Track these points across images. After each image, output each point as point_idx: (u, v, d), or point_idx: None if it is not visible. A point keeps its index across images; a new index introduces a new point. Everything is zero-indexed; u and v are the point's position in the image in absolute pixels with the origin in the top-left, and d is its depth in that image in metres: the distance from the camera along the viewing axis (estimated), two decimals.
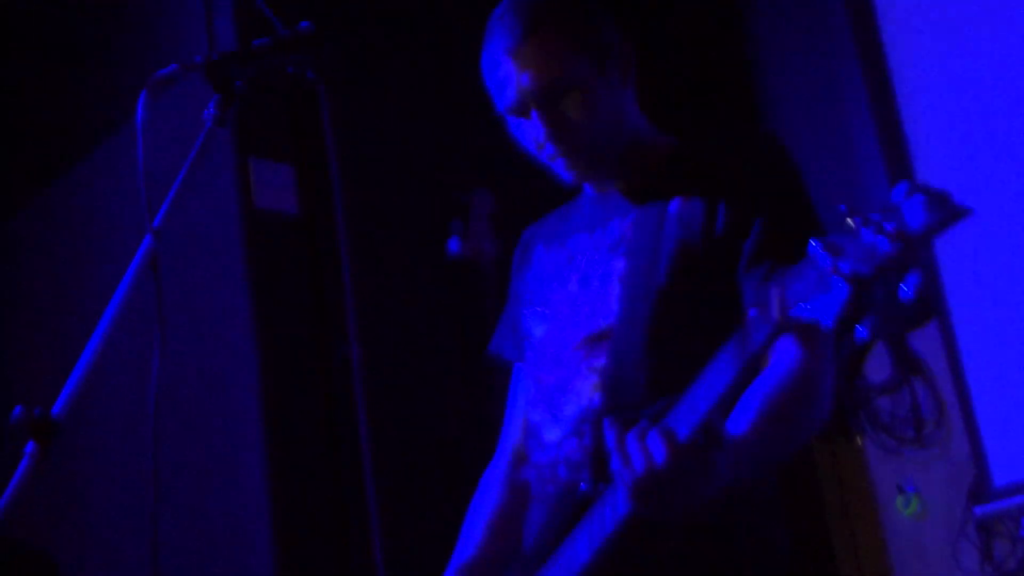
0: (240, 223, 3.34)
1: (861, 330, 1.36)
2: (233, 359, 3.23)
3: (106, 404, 3.25)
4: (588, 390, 1.86)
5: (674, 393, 1.67)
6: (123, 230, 3.50)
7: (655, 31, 4.12)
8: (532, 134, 1.92)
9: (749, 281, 1.78)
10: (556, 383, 1.92)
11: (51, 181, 4.03)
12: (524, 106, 1.90)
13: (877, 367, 3.75)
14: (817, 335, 1.70)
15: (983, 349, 3.48)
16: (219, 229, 3.37)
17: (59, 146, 3.99)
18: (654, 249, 1.87)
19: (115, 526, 3.49)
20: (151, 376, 1.68)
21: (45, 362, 3.65)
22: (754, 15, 4.28)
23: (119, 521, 3.45)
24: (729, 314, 1.65)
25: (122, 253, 1.74)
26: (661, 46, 4.13)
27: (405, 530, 3.05)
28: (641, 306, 1.85)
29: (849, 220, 1.35)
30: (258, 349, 3.17)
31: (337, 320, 3.15)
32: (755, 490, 1.82)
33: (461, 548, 2.04)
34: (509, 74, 1.89)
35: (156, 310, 1.68)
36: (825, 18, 4.01)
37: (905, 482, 3.74)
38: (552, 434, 1.90)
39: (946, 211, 1.31)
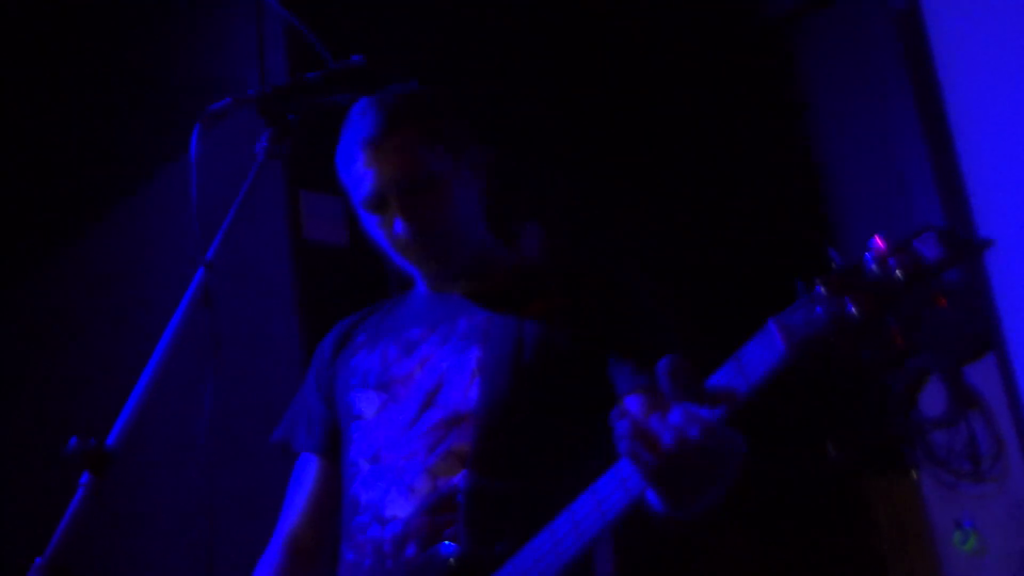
0: (291, 255, 3.36)
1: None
2: (284, 390, 3.23)
3: (159, 435, 3.27)
4: (447, 469, 1.88)
5: (540, 470, 1.83)
6: (177, 260, 3.52)
7: (704, 70, 4.12)
8: (386, 229, 1.98)
9: (620, 371, 1.88)
10: (405, 463, 1.92)
11: (106, 210, 4.07)
12: (380, 199, 1.97)
13: (932, 401, 3.71)
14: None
15: None
16: (270, 261, 3.39)
17: (114, 176, 4.03)
18: (516, 339, 1.93)
19: (169, 559, 3.50)
20: (204, 407, 1.69)
21: (100, 393, 3.67)
22: (805, 53, 4.26)
23: (173, 554, 3.46)
24: (589, 401, 1.83)
25: (176, 284, 1.75)
26: (711, 86, 4.13)
27: None
28: (504, 391, 1.90)
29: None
30: None
31: None
32: None
33: None
34: (368, 167, 1.97)
35: (209, 342, 1.68)
36: (877, 54, 3.99)
37: (962, 517, 3.68)
38: (398, 511, 1.89)
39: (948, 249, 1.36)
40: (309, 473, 2.13)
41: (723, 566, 4.05)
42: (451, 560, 1.80)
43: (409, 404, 1.97)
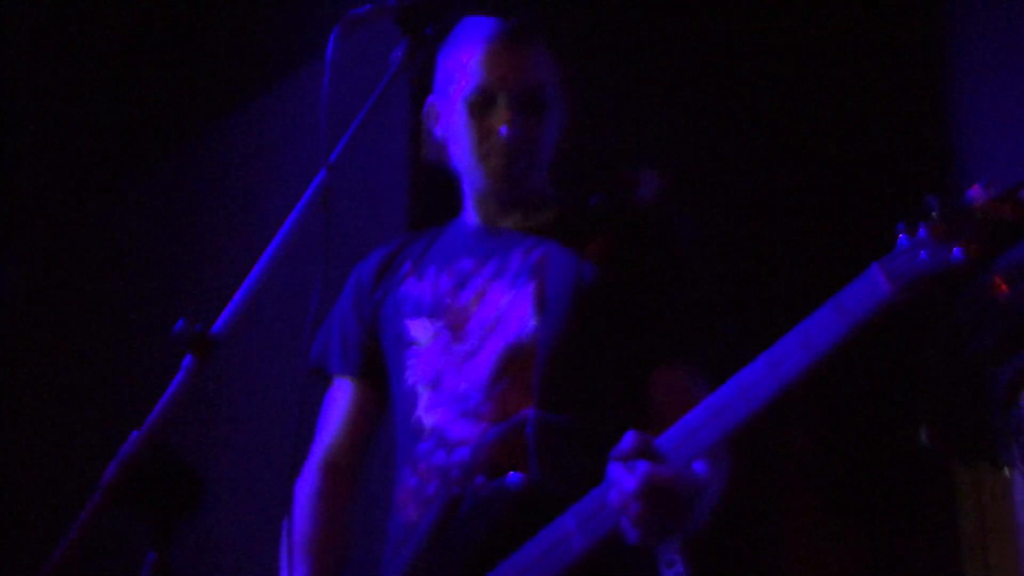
0: (407, 173, 3.38)
1: None
2: None
3: (263, 331, 3.33)
4: (513, 399, 1.89)
5: (601, 406, 1.88)
6: (297, 164, 3.57)
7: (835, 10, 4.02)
8: (480, 131, 1.99)
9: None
10: (468, 390, 1.93)
11: (240, 106, 4.13)
12: (488, 99, 1.99)
13: None
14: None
15: None
16: (387, 177, 3.41)
17: (249, 74, 4.08)
18: (575, 275, 1.94)
19: (258, 448, 3.59)
20: (309, 309, 1.71)
21: (212, 283, 3.75)
22: (954, 19, 4.13)
23: (261, 442, 3.54)
24: (640, 342, 1.91)
25: (293, 186, 1.77)
26: (841, 25, 4.03)
27: None
28: (565, 325, 1.92)
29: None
30: None
31: None
32: None
33: (295, 570, 2.01)
34: (485, 64, 1.99)
35: (323, 244, 1.70)
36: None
37: None
38: (465, 437, 1.90)
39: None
40: (344, 396, 2.15)
41: (799, 541, 4.03)
42: (519, 491, 1.81)
43: (468, 335, 1.98)
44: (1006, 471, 3.69)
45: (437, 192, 3.29)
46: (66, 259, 4.93)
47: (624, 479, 1.62)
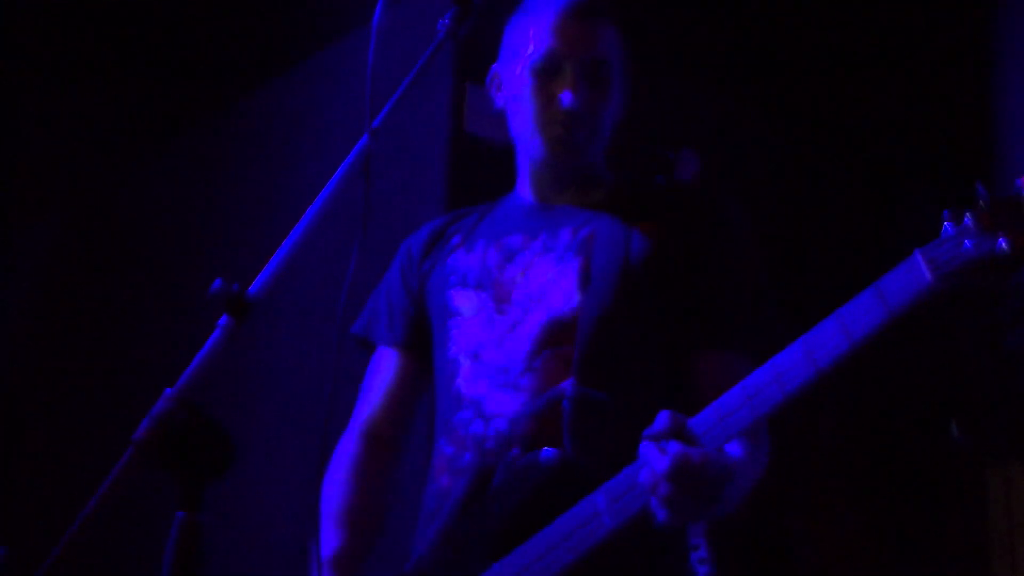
0: (448, 143, 3.38)
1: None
2: None
3: (300, 295, 3.34)
4: (553, 373, 1.89)
5: (640, 384, 1.87)
6: (340, 129, 3.57)
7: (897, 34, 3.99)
8: (545, 98, 1.98)
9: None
10: (508, 362, 1.93)
11: (286, 67, 4.13)
12: (556, 66, 1.98)
13: None
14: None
15: None
16: (428, 146, 3.41)
17: (291, 39, 4.08)
18: (623, 253, 1.93)
19: (288, 411, 3.60)
20: (346, 275, 1.71)
21: (252, 245, 3.77)
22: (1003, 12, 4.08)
23: (293, 407, 3.56)
24: (685, 323, 1.90)
25: (335, 151, 1.76)
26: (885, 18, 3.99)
27: None
28: (610, 302, 1.90)
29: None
30: None
31: None
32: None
33: (328, 538, 2.01)
34: (556, 32, 1.99)
35: (362, 208, 1.70)
36: None
37: None
38: (503, 408, 1.90)
39: None
40: (388, 366, 2.15)
41: (824, 533, 4.02)
42: (551, 466, 1.81)
43: (511, 307, 1.98)
44: None
45: (477, 162, 3.31)
46: (107, 218, 4.97)
47: (655, 459, 1.61)
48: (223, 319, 1.53)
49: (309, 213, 1.66)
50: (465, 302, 2.04)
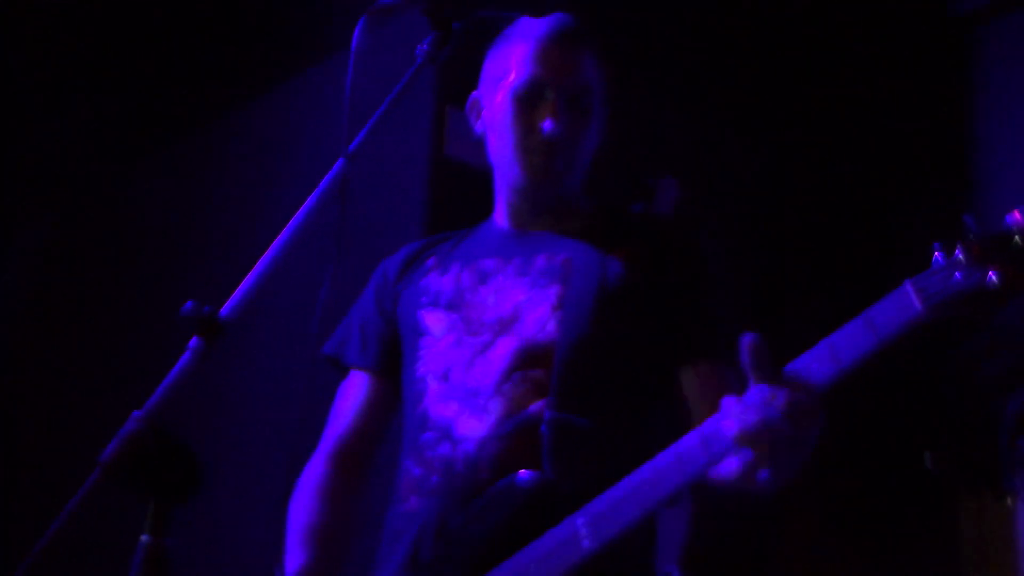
0: (428, 167, 3.38)
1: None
2: None
3: (275, 317, 3.33)
4: (524, 397, 1.88)
5: (617, 410, 1.87)
6: (318, 153, 3.56)
7: (869, 48, 4.01)
8: (525, 124, 1.99)
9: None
10: (478, 385, 1.93)
11: (259, 94, 4.13)
12: (538, 93, 1.99)
13: None
14: None
15: None
16: (407, 169, 3.41)
17: (271, 62, 4.08)
18: (599, 279, 1.94)
19: (258, 435, 3.58)
20: (319, 299, 1.70)
21: (226, 267, 3.75)
22: (982, 53, 4.12)
23: (262, 431, 3.54)
24: (661, 349, 1.90)
25: (312, 174, 1.76)
26: (873, 61, 4.02)
27: None
28: (586, 327, 1.91)
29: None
30: None
31: None
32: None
33: (293, 555, 2.00)
34: (539, 59, 1.99)
35: (337, 234, 1.69)
36: None
37: None
38: (470, 431, 1.90)
39: None
40: (359, 389, 2.15)
41: (800, 560, 4.02)
42: (531, 489, 1.81)
43: (483, 329, 1.97)
44: (1008, 500, 3.68)
45: (456, 187, 3.31)
46: (80, 237, 4.94)
47: (764, 406, 1.55)
48: (194, 341, 1.52)
49: (283, 236, 1.65)
50: (436, 323, 2.04)
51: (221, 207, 4.18)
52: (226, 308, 1.56)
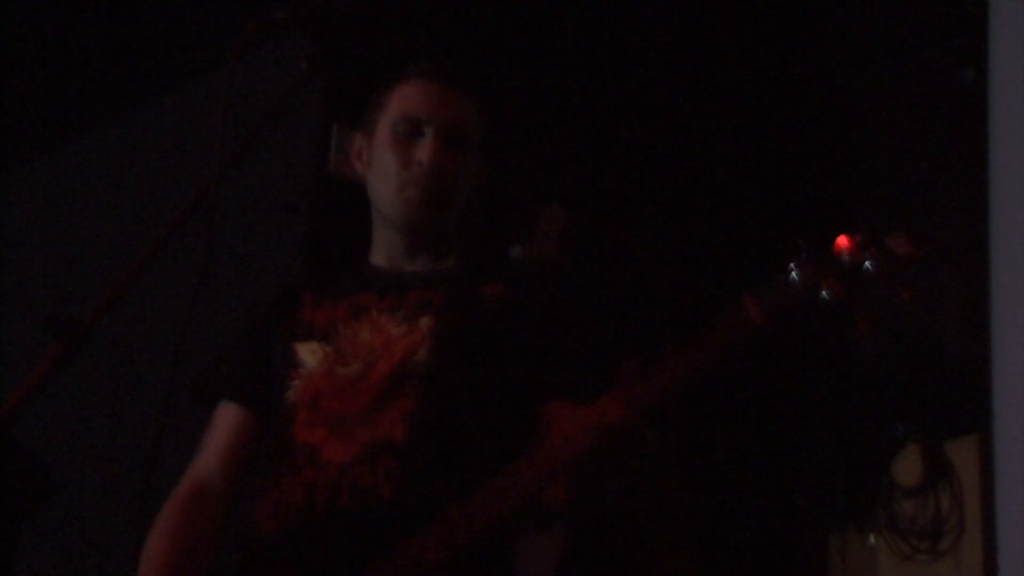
0: (310, 184, 3.37)
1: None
2: None
3: (135, 327, 3.28)
4: (388, 424, 1.94)
5: (479, 438, 1.94)
6: (190, 170, 3.53)
7: (752, 81, 4.10)
8: (402, 156, 2.05)
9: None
10: (345, 412, 1.98)
11: (140, 107, 4.08)
12: (416, 126, 2.07)
13: (909, 470, 3.69)
14: None
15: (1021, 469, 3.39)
16: (289, 186, 3.40)
17: (150, 75, 4.05)
18: (469, 315, 2.02)
19: (115, 445, 3.51)
20: (186, 307, 1.69)
21: (96, 276, 3.69)
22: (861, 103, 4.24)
23: (120, 441, 3.47)
24: (526, 384, 1.98)
25: (185, 190, 1.75)
26: (757, 93, 4.10)
27: None
28: (455, 359, 1.99)
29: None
30: None
31: None
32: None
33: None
34: (420, 94, 2.08)
35: (204, 252, 1.69)
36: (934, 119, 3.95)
37: None
38: (334, 456, 1.94)
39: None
40: (228, 420, 2.15)
41: None
42: (383, 508, 1.86)
43: (354, 360, 2.02)
44: (871, 538, 3.76)
45: (338, 204, 3.29)
46: None
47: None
48: (53, 348, 1.50)
49: (149, 246, 1.64)
50: (309, 354, 2.07)
51: (93, 219, 4.11)
52: (88, 315, 1.54)
